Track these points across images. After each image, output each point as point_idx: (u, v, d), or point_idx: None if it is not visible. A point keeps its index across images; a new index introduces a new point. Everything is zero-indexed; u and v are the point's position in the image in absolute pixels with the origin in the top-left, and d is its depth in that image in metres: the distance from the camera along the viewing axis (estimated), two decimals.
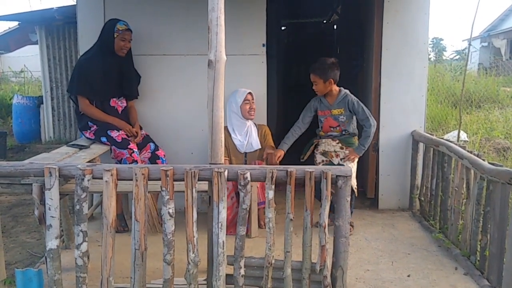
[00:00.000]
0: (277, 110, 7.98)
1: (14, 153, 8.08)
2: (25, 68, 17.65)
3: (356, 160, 3.92)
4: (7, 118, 11.23)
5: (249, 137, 4.13)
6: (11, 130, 9.35)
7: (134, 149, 3.84)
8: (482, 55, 23.96)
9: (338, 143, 3.93)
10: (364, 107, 3.83)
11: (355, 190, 3.86)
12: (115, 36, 3.88)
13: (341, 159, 3.89)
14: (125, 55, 3.99)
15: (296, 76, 10.52)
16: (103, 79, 3.88)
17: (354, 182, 3.82)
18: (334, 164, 3.83)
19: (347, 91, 3.92)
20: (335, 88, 3.91)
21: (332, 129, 3.94)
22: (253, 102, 4.14)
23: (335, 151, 3.94)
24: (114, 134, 3.84)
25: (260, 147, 4.16)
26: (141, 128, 4.13)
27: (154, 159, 4.03)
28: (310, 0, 9.00)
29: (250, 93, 4.13)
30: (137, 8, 4.22)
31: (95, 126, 3.88)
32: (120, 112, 4.05)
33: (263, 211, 3.60)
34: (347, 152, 3.90)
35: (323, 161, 3.98)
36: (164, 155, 4.11)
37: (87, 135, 3.92)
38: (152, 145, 4.09)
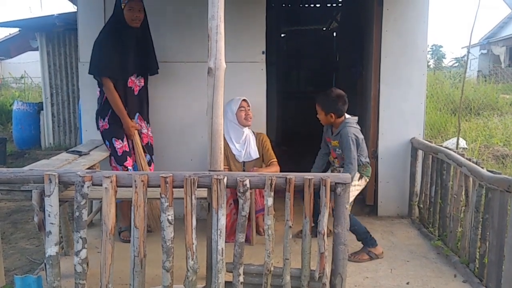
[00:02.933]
0: (277, 117, 8.00)
1: (14, 159, 8.09)
2: (25, 74, 17.69)
3: (356, 186, 3.65)
4: (7, 124, 11.25)
5: (247, 146, 4.12)
6: (11, 136, 9.36)
7: (128, 167, 3.83)
8: (481, 62, 24.02)
9: (339, 171, 3.71)
10: (352, 149, 3.53)
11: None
12: (123, 7, 3.74)
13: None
14: (140, 27, 3.85)
15: (296, 83, 10.56)
16: (120, 56, 3.78)
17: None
18: None
19: (350, 122, 3.65)
20: (339, 120, 3.69)
21: (332, 159, 3.87)
22: (248, 109, 4.11)
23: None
24: (117, 144, 3.83)
25: (258, 156, 4.14)
26: (148, 124, 4.10)
27: None
28: (310, 7, 9.07)
29: (244, 100, 4.12)
30: None
31: (107, 124, 3.86)
32: (137, 92, 3.96)
33: (262, 218, 3.61)
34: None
35: None
36: None
37: (100, 123, 3.91)
38: (147, 157, 4.02)
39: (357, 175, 3.61)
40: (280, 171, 4.02)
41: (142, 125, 4.03)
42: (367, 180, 3.76)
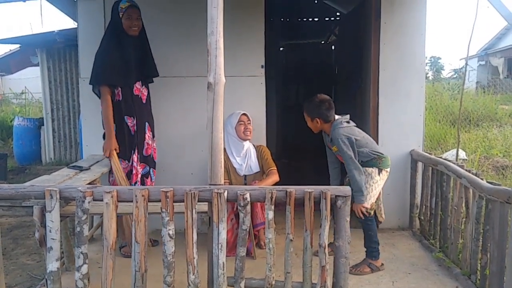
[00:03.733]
0: (276, 130, 8.03)
1: (15, 174, 8.10)
2: (26, 90, 17.77)
3: (377, 182, 3.56)
4: (8, 140, 11.28)
5: (248, 159, 4.14)
6: (12, 152, 9.39)
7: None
8: (480, 74, 24.12)
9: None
10: (345, 149, 3.47)
11: (368, 210, 3.58)
12: (121, 16, 3.74)
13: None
14: (138, 35, 3.84)
15: (295, 96, 10.60)
16: (123, 63, 3.75)
17: (369, 202, 3.55)
18: None
19: (337, 123, 3.59)
20: (328, 125, 3.66)
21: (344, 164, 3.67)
22: (248, 123, 4.13)
23: None
24: (123, 164, 3.81)
25: (259, 169, 4.16)
26: (153, 136, 4.05)
27: (140, 183, 3.90)
28: (308, 21, 9.14)
29: (244, 114, 4.14)
30: None
31: None
32: (144, 101, 3.94)
33: (264, 232, 3.61)
34: (363, 170, 3.50)
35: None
36: None
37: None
38: (146, 168, 3.96)
39: (375, 169, 3.55)
40: (280, 182, 4.03)
41: (149, 135, 3.98)
42: (388, 170, 3.65)
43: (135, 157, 3.84)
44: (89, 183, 3.29)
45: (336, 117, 3.66)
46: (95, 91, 3.86)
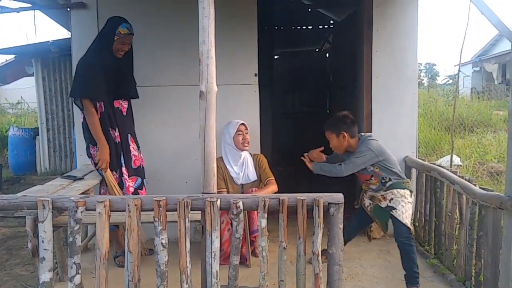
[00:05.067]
0: (271, 137, 8.04)
1: (10, 185, 8.07)
2: (21, 99, 17.74)
3: (408, 199, 3.45)
4: (3, 150, 11.24)
5: (245, 168, 4.13)
6: (7, 162, 9.36)
7: None
8: (474, 80, 24.25)
9: (385, 191, 3.50)
10: (358, 159, 3.47)
11: (411, 229, 3.47)
12: (115, 38, 3.71)
13: (389, 200, 3.43)
14: (123, 56, 3.83)
15: (291, 103, 10.63)
16: (104, 78, 3.70)
17: (406, 221, 3.40)
18: (382, 207, 3.47)
19: (368, 136, 3.60)
20: (355, 141, 3.59)
21: (368, 182, 3.59)
22: (246, 133, 4.13)
23: (382, 195, 3.49)
24: (114, 176, 3.79)
25: (256, 178, 4.16)
26: (138, 146, 4.00)
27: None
28: (302, 29, 9.19)
29: (243, 124, 4.14)
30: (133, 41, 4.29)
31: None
32: (125, 113, 3.90)
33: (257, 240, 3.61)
34: (395, 192, 3.44)
35: (370, 204, 3.61)
36: None
37: (92, 151, 3.81)
38: (139, 180, 3.92)
39: (408, 191, 3.46)
40: (278, 190, 4.04)
41: (134, 147, 3.95)
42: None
43: (124, 169, 3.81)
44: (83, 193, 3.30)
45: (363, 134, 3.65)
46: (76, 103, 3.84)
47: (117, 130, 3.82)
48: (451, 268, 3.57)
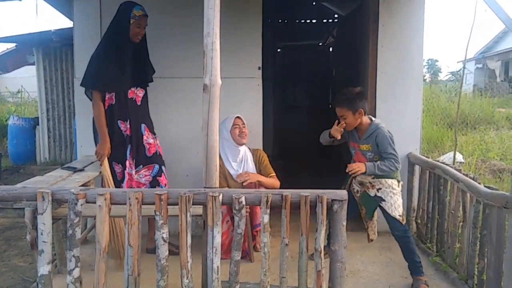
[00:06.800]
0: (273, 131, 8.01)
1: (9, 174, 8.04)
2: (22, 88, 17.69)
3: (396, 190, 3.42)
4: (2, 139, 11.21)
5: (244, 165, 4.07)
6: (6, 151, 9.33)
7: None
8: (477, 77, 24.20)
9: (373, 178, 3.44)
10: (392, 145, 3.37)
11: (400, 219, 3.39)
12: (131, 22, 3.62)
13: (377, 190, 3.40)
14: (139, 41, 3.76)
15: (293, 97, 10.60)
16: (120, 69, 3.65)
17: (397, 212, 3.38)
18: (370, 196, 3.43)
19: (379, 124, 3.45)
20: (366, 120, 3.47)
21: None
22: (243, 126, 4.05)
23: (370, 182, 3.44)
24: (117, 168, 3.73)
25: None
26: (154, 134, 3.94)
27: (153, 185, 3.82)
28: (306, 23, 9.13)
29: (238, 117, 4.07)
30: None
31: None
32: (139, 102, 3.83)
33: (259, 234, 3.58)
34: (383, 181, 3.40)
35: (358, 191, 3.54)
36: (166, 184, 3.88)
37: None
38: (156, 167, 3.86)
39: (395, 181, 3.42)
40: (280, 185, 4.00)
41: (148, 135, 3.87)
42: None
43: (128, 162, 3.74)
44: (83, 185, 3.27)
45: (372, 118, 3.55)
46: (87, 94, 3.79)
47: (128, 122, 3.75)
48: (454, 267, 3.54)
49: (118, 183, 3.72)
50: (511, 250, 2.66)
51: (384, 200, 3.38)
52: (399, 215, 3.38)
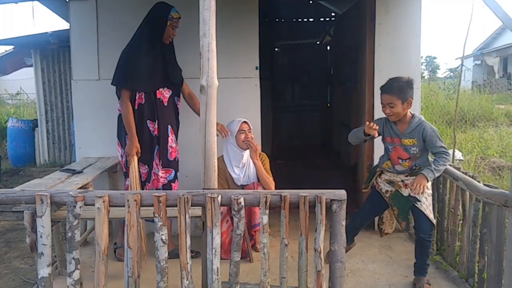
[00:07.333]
0: (272, 130, 8.01)
1: (9, 176, 8.04)
2: (21, 90, 17.68)
3: (430, 191, 3.33)
4: (2, 142, 11.20)
5: (246, 169, 4.02)
6: (6, 153, 9.32)
7: None
8: (475, 73, 24.19)
9: (406, 176, 3.33)
10: (442, 140, 3.22)
11: (434, 223, 3.32)
12: (168, 23, 3.64)
13: (411, 189, 3.20)
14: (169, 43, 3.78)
15: (291, 96, 10.60)
16: (150, 69, 3.64)
17: (431, 216, 3.29)
18: (403, 196, 3.31)
19: (422, 117, 3.31)
20: (408, 113, 3.29)
21: (401, 161, 3.32)
22: (249, 131, 4.02)
23: (403, 181, 3.33)
24: (143, 169, 3.70)
25: (257, 179, 4.05)
26: (176, 140, 3.90)
27: (166, 189, 3.75)
28: (303, 21, 9.12)
29: (245, 122, 4.04)
30: (131, 32, 4.23)
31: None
32: (166, 103, 3.79)
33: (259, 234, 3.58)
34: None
35: (387, 191, 3.41)
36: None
37: (119, 148, 3.77)
38: (173, 173, 3.85)
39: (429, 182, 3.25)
40: (277, 184, 4.00)
41: (172, 138, 3.84)
42: None
43: (155, 163, 3.72)
44: (82, 187, 3.26)
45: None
46: (117, 93, 3.75)
47: (156, 122, 3.72)
48: (454, 265, 3.54)
49: (143, 184, 3.69)
50: (511, 248, 2.66)
51: (419, 201, 3.24)
52: (434, 218, 3.31)
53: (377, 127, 3.27)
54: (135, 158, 3.62)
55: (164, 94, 3.79)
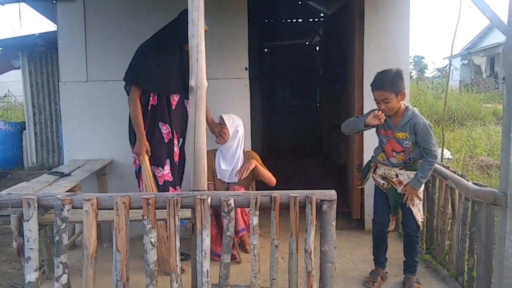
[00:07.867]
0: (262, 131, 8.01)
1: None
2: (9, 93, 17.51)
3: (420, 195, 3.32)
4: None
5: (234, 166, 3.97)
6: None
7: None
8: (463, 73, 24.39)
9: (401, 169, 3.32)
10: (432, 134, 3.18)
11: (420, 225, 3.32)
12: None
13: (405, 186, 3.26)
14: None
15: (281, 96, 10.60)
16: (167, 73, 3.58)
17: (419, 216, 3.31)
18: (398, 192, 3.31)
19: (415, 110, 3.25)
20: (402, 104, 3.23)
21: (395, 154, 3.29)
22: (222, 127, 3.95)
23: (396, 176, 3.31)
24: (157, 172, 3.62)
25: (243, 177, 3.94)
26: (178, 144, 3.81)
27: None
28: (292, 22, 9.13)
29: (220, 116, 4.00)
30: (120, 33, 4.21)
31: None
32: (174, 107, 3.70)
33: (248, 236, 3.55)
34: (411, 176, 3.25)
35: (384, 184, 3.39)
36: None
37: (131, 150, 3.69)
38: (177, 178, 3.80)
39: None
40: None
41: (175, 143, 3.75)
42: None
43: (167, 167, 3.66)
44: (70, 190, 3.22)
45: (406, 104, 3.31)
46: (126, 89, 3.68)
47: (169, 125, 3.66)
48: (443, 264, 3.55)
49: (162, 189, 3.60)
50: (501, 248, 2.66)
51: (411, 199, 3.27)
52: (421, 220, 3.33)
53: (384, 118, 3.22)
54: (146, 158, 3.56)
55: (174, 97, 3.72)
